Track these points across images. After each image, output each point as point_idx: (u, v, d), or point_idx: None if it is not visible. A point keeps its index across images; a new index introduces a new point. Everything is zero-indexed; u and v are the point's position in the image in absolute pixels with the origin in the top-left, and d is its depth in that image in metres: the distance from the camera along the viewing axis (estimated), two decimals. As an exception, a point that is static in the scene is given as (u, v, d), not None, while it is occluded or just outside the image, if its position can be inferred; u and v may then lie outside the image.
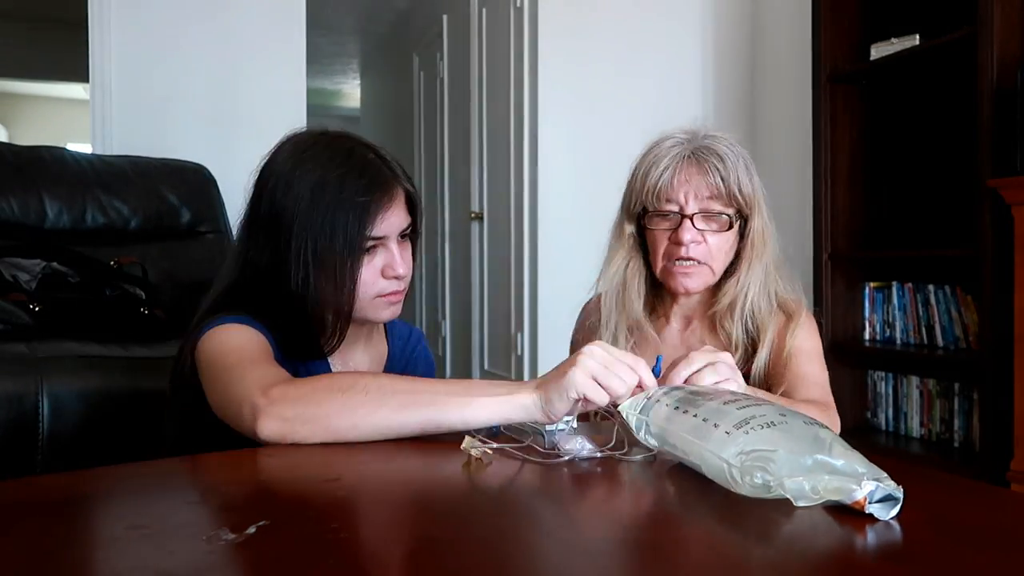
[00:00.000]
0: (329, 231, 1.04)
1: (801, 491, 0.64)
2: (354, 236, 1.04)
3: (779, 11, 3.54)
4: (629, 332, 1.32)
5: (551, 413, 0.86)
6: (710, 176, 1.22)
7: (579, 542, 0.63)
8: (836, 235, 2.96)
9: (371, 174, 1.07)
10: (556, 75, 3.49)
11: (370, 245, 1.07)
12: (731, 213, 1.25)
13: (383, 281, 1.09)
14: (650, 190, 1.24)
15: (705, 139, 1.26)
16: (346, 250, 1.04)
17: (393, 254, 1.09)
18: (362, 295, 1.08)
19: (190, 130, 2.97)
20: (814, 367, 1.25)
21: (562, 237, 3.47)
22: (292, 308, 1.07)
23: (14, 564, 0.54)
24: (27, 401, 1.52)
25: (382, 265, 1.08)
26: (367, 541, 0.62)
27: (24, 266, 1.90)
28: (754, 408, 0.72)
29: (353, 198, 1.04)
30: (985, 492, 0.79)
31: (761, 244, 1.27)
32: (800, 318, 1.28)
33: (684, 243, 1.23)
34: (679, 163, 1.23)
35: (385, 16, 5.87)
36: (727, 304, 1.28)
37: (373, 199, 1.05)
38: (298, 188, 1.05)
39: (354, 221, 1.04)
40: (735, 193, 1.23)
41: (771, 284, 1.29)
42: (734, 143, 1.27)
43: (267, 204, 1.08)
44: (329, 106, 8.85)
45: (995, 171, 2.35)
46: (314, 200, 1.04)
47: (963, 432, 2.68)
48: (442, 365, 4.81)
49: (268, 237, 1.08)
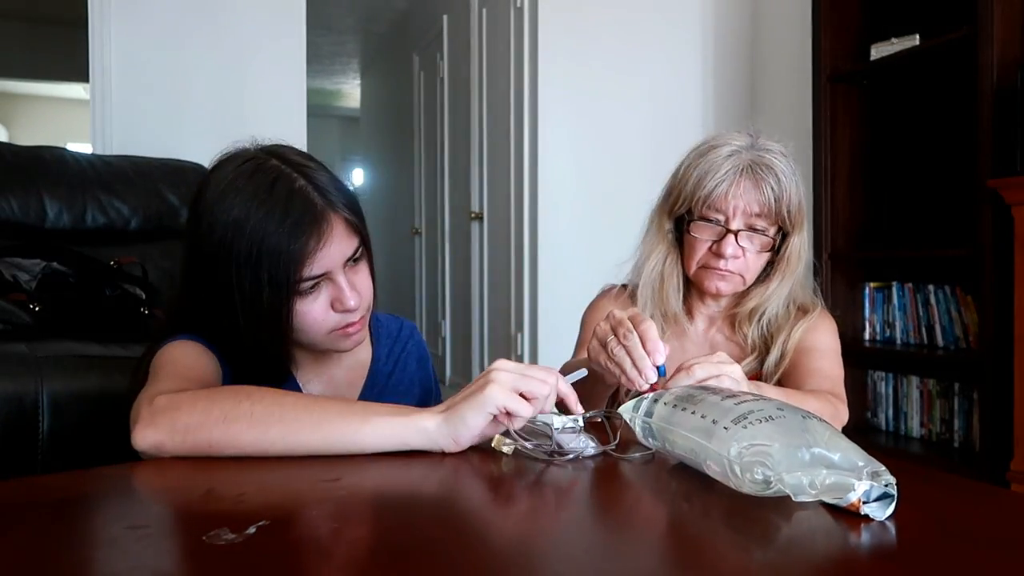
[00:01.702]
0: (254, 279, 0.94)
1: (800, 486, 0.64)
2: (282, 283, 0.95)
3: (779, 11, 3.54)
4: (665, 325, 1.33)
5: (458, 437, 0.82)
6: (764, 194, 1.20)
7: (578, 542, 0.63)
8: (836, 235, 2.97)
9: (297, 213, 0.95)
10: (556, 75, 3.49)
11: (311, 285, 0.97)
12: (773, 232, 1.24)
13: (334, 316, 0.99)
14: (701, 198, 1.22)
15: (762, 152, 1.23)
16: (276, 299, 0.95)
17: (340, 287, 0.98)
18: (315, 334, 1.00)
19: (190, 130, 2.97)
20: (826, 362, 1.25)
21: (562, 237, 3.48)
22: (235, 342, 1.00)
23: (14, 564, 0.54)
24: (27, 401, 1.52)
25: (330, 300, 0.99)
26: (367, 541, 0.62)
27: (24, 266, 1.90)
28: (752, 403, 0.72)
29: (278, 242, 0.93)
30: (985, 492, 0.79)
31: (796, 261, 1.28)
32: (814, 314, 1.29)
33: (725, 256, 1.22)
34: (735, 176, 1.21)
35: (385, 16, 5.87)
36: (749, 310, 1.29)
37: (300, 243, 0.94)
38: (221, 231, 0.95)
39: (281, 268, 0.94)
40: (784, 212, 1.22)
41: (792, 296, 1.30)
42: (789, 157, 1.25)
43: (197, 240, 0.99)
44: (329, 106, 8.84)
45: (995, 171, 2.35)
46: (237, 243, 0.94)
47: (963, 432, 2.68)
48: (442, 365, 4.81)
49: (203, 275, 1.00)
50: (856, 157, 3.01)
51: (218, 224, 0.96)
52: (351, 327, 1.01)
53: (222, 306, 0.98)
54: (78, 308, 1.90)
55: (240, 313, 0.97)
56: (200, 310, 1.02)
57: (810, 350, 1.25)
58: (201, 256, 0.99)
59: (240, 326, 0.97)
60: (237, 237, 0.94)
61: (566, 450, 0.84)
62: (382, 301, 3.64)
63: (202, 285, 1.00)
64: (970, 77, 2.45)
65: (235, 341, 1.00)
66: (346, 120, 9.19)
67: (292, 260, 0.94)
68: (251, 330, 0.98)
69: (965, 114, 2.55)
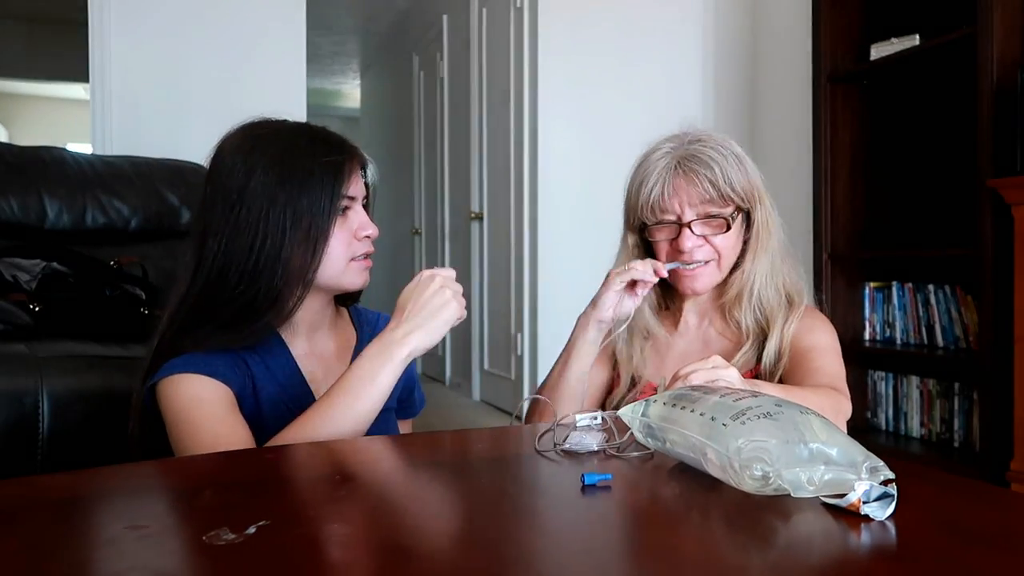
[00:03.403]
0: (306, 191, 1.05)
1: (798, 483, 0.64)
2: (330, 193, 1.06)
3: (779, 11, 3.54)
4: (643, 338, 1.35)
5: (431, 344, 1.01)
6: (699, 185, 1.23)
7: (578, 542, 0.63)
8: (836, 235, 2.96)
9: (336, 140, 1.10)
10: (556, 75, 3.49)
11: (345, 205, 1.08)
12: (729, 213, 1.25)
13: (356, 243, 1.10)
14: (644, 205, 1.26)
15: (690, 145, 1.26)
16: (323, 208, 1.06)
17: (364, 216, 1.11)
18: (338, 259, 1.09)
19: (190, 130, 2.97)
20: (826, 360, 1.25)
21: (562, 237, 3.48)
22: (247, 291, 1.05)
23: (14, 563, 0.54)
24: (27, 401, 1.52)
25: (355, 226, 1.10)
26: (367, 541, 0.62)
27: (24, 266, 1.90)
28: (750, 400, 0.72)
29: (325, 158, 1.06)
30: (985, 492, 0.79)
31: (766, 235, 1.28)
32: (801, 310, 1.29)
33: (686, 250, 1.24)
34: (666, 176, 1.24)
35: (385, 16, 5.87)
36: (735, 295, 1.30)
37: (345, 158, 1.08)
38: (262, 161, 1.05)
39: (328, 180, 1.06)
40: (729, 193, 1.24)
41: (777, 276, 1.30)
42: (721, 142, 1.27)
43: (224, 187, 1.07)
44: (329, 106, 8.84)
45: (995, 171, 2.35)
46: (284, 165, 1.05)
47: (963, 432, 2.68)
48: (442, 365, 4.81)
49: (226, 219, 1.06)
50: (856, 157, 3.00)
51: (259, 158, 1.06)
52: (367, 259, 1.13)
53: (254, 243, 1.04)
54: (78, 308, 1.90)
55: (286, 236, 1.04)
56: (214, 273, 1.06)
57: (809, 349, 1.25)
58: (235, 199, 1.05)
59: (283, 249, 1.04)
60: (287, 158, 1.05)
61: (570, 444, 0.85)
62: (382, 301, 3.64)
63: (229, 232, 1.05)
64: (970, 77, 2.45)
65: (240, 311, 1.05)
66: (346, 120, 9.17)
67: (340, 172, 1.07)
68: (291, 251, 1.04)
69: (965, 114, 2.55)
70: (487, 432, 1.19)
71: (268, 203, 1.04)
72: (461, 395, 4.43)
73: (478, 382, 4.26)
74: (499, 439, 1.03)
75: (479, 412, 3.97)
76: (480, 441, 1.04)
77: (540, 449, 0.85)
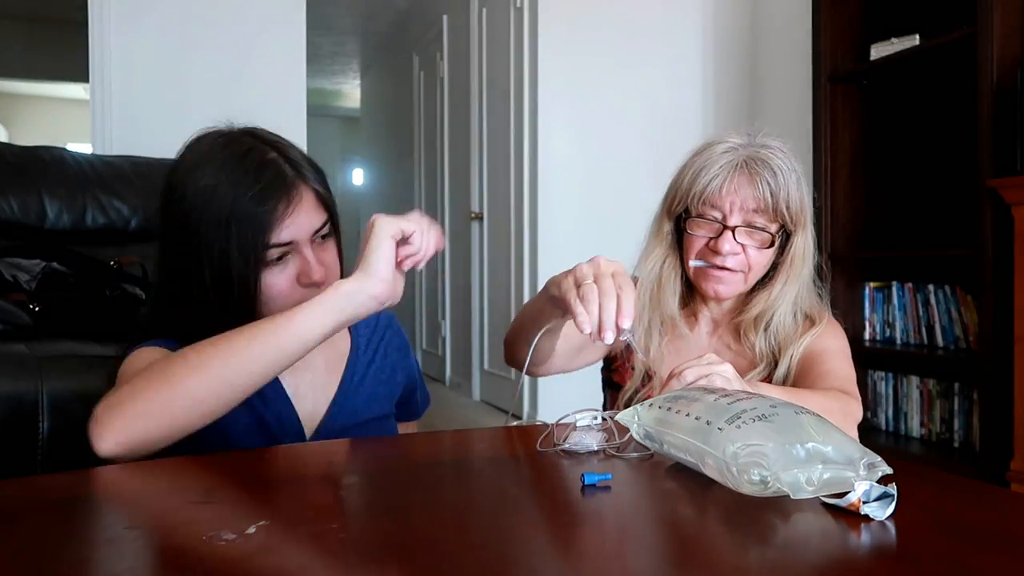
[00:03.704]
0: (224, 246, 0.95)
1: (797, 484, 0.64)
2: (250, 248, 0.96)
3: (779, 11, 3.54)
4: (663, 328, 1.30)
5: (377, 273, 0.88)
6: (759, 188, 1.19)
7: (578, 542, 0.63)
8: (836, 235, 2.96)
9: (268, 178, 0.97)
10: (556, 75, 3.49)
11: (278, 254, 0.98)
12: (774, 230, 1.22)
13: (300, 291, 0.99)
14: (696, 195, 1.21)
15: (759, 148, 1.22)
16: (244, 264, 0.96)
17: (307, 260, 0.99)
18: (283, 306, 0.97)
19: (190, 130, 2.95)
20: (835, 363, 1.22)
21: (562, 237, 3.47)
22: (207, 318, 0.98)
23: (14, 563, 0.54)
24: (27, 401, 1.52)
25: (296, 273, 0.99)
26: (367, 541, 0.62)
27: (24, 266, 1.90)
28: (745, 402, 0.72)
29: (247, 207, 0.95)
30: (985, 492, 0.79)
31: (800, 263, 1.25)
32: (821, 326, 1.26)
33: (722, 253, 1.20)
34: (730, 171, 1.20)
35: (385, 16, 5.87)
36: (753, 318, 1.26)
37: (269, 207, 0.96)
38: (192, 199, 0.97)
39: (249, 232, 0.95)
40: (782, 209, 1.20)
41: (800, 303, 1.27)
42: (788, 154, 1.23)
43: (167, 214, 1.01)
44: (329, 106, 8.83)
45: (995, 171, 2.35)
46: (207, 210, 0.96)
47: (963, 432, 2.68)
48: (442, 365, 4.81)
49: (174, 249, 1.01)
50: (856, 157, 3.00)
51: (190, 192, 0.98)
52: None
53: (193, 279, 0.98)
54: (78, 308, 1.90)
55: (210, 285, 0.97)
56: (173, 289, 1.03)
57: (819, 353, 1.23)
58: (174, 225, 1.00)
59: (212, 300, 0.98)
60: (208, 202, 0.97)
61: (570, 443, 0.85)
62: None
63: (174, 257, 1.02)
64: (970, 77, 2.45)
65: (207, 320, 0.98)
66: (346, 120, 9.17)
67: (260, 225, 0.96)
68: (223, 303, 0.98)
69: (965, 114, 2.55)
70: (487, 432, 1.19)
71: (197, 247, 0.97)
72: (461, 395, 4.43)
73: (478, 382, 4.26)
74: (499, 439, 1.03)
75: (479, 412, 3.98)
76: (480, 441, 1.04)
77: (540, 449, 0.85)
